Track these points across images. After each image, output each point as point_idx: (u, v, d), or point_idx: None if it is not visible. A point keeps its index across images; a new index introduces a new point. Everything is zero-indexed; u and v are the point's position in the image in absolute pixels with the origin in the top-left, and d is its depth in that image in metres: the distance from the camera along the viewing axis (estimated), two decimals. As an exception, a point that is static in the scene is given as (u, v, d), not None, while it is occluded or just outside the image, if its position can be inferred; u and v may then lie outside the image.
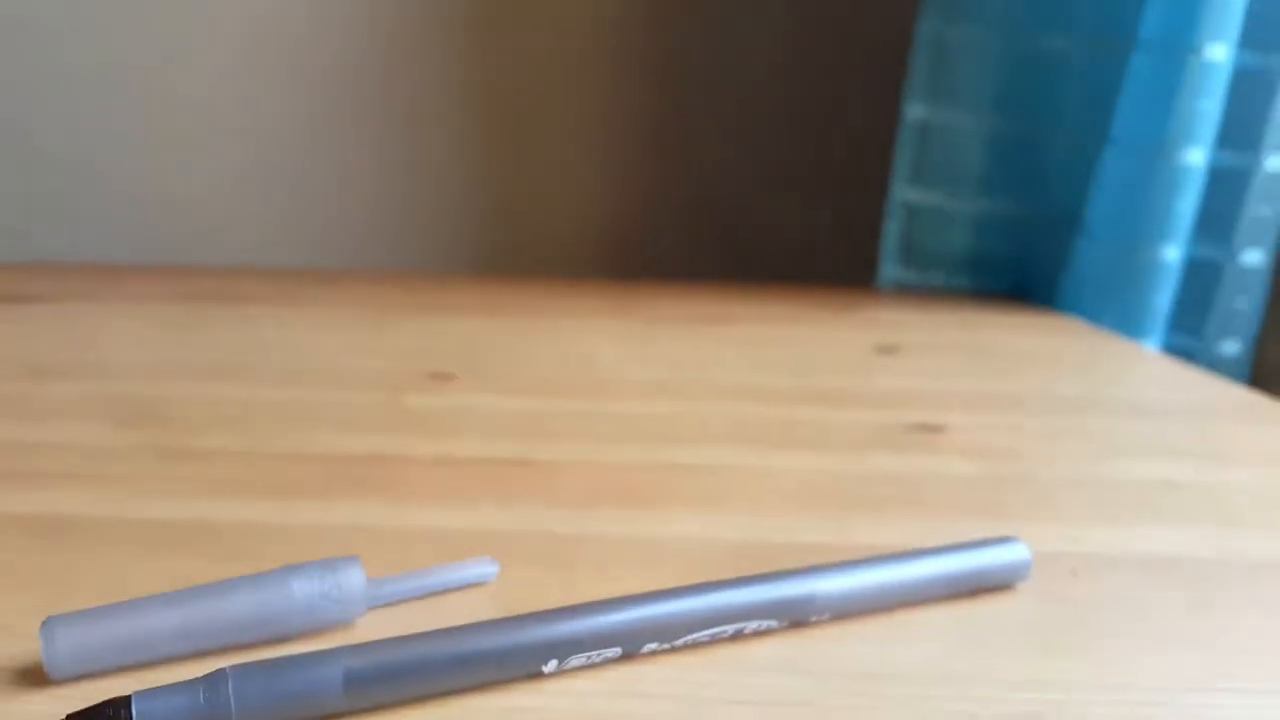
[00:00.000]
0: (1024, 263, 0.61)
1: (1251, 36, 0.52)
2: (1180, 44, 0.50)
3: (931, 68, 0.58)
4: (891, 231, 0.60)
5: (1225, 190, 0.55)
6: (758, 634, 0.21)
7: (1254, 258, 0.56)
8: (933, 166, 0.59)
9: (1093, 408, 0.38)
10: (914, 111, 0.58)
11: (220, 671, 0.16)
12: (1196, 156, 0.52)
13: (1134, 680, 0.19)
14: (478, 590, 0.22)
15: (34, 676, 0.18)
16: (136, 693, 0.16)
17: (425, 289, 0.57)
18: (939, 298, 0.60)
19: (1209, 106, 0.51)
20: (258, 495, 0.27)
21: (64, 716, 0.16)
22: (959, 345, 0.48)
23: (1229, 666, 0.20)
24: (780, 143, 0.66)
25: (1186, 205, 0.53)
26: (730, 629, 0.20)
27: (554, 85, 0.64)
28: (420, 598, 0.22)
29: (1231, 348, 0.57)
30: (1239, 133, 0.54)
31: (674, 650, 0.20)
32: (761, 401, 0.37)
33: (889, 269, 0.61)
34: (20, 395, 0.35)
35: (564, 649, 0.19)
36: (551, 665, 0.19)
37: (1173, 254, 0.54)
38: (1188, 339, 0.57)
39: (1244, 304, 0.57)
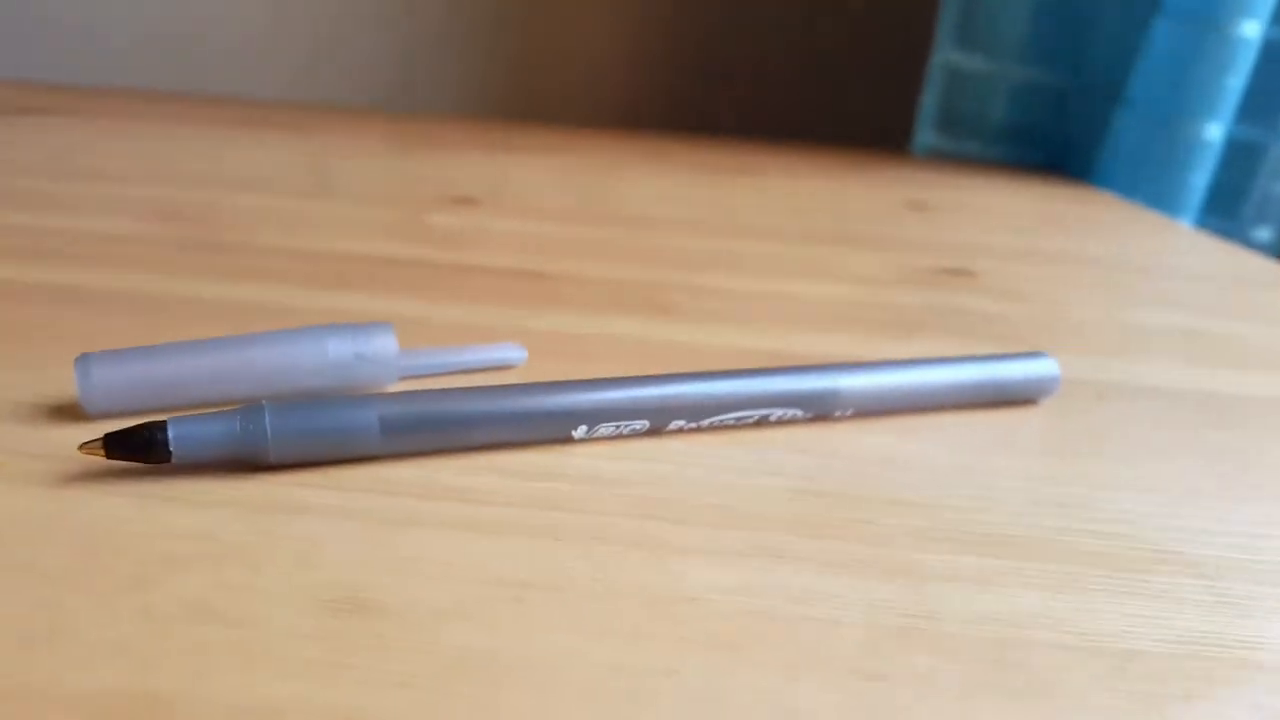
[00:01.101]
0: (1062, 135, 0.59)
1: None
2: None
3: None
4: (931, 96, 0.58)
5: (1275, 69, 0.53)
6: (782, 422, 0.21)
7: (1299, 141, 0.54)
8: (978, 28, 0.57)
9: (1122, 266, 0.38)
10: (962, -32, 0.56)
11: (258, 404, 0.17)
12: (1251, 29, 0.50)
13: (1155, 485, 0.20)
14: (505, 373, 0.22)
15: (70, 413, 0.18)
16: (173, 417, 0.16)
17: (454, 128, 0.56)
18: (973, 165, 0.58)
19: (1270, -23, 0.49)
20: (286, 283, 0.27)
21: (102, 435, 0.16)
22: (990, 207, 0.47)
23: (1242, 479, 0.20)
24: (819, 5, 0.64)
25: (1236, 81, 0.51)
26: (755, 414, 0.20)
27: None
28: (450, 374, 0.22)
29: (1264, 234, 0.56)
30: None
31: (700, 430, 0.20)
32: (792, 241, 0.37)
33: (925, 135, 0.59)
34: (45, 192, 0.34)
35: (593, 416, 0.19)
36: (581, 431, 0.19)
37: (1215, 132, 0.52)
38: (1221, 222, 0.56)
39: (1282, 189, 0.55)
